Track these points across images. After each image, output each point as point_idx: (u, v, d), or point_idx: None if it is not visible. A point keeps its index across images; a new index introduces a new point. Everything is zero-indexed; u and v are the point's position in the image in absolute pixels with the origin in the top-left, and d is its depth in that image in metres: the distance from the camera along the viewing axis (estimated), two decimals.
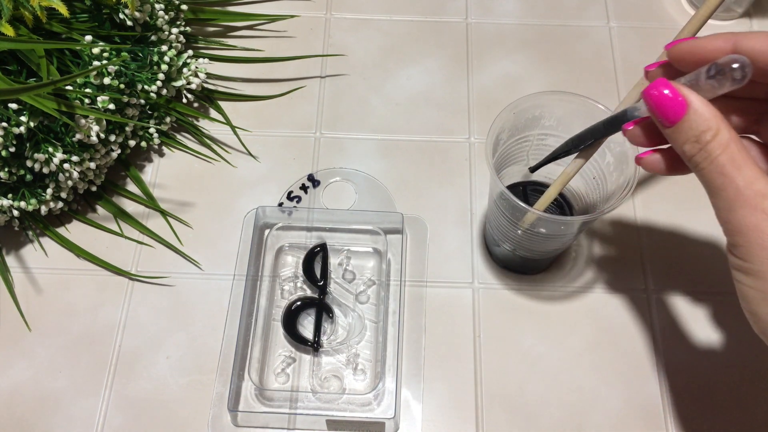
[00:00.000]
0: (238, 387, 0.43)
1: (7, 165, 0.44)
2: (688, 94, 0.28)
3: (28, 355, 0.45)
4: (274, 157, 0.53)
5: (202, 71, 0.52)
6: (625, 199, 0.39)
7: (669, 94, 0.28)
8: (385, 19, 0.60)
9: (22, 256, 0.49)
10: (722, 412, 0.43)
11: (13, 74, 0.44)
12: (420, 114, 0.55)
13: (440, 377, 0.44)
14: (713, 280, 0.48)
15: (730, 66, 0.27)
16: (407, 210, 0.50)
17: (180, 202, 0.51)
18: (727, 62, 0.27)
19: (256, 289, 0.46)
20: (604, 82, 0.57)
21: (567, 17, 0.60)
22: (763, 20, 0.60)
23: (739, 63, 0.27)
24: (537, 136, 0.45)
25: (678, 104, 0.28)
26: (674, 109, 0.28)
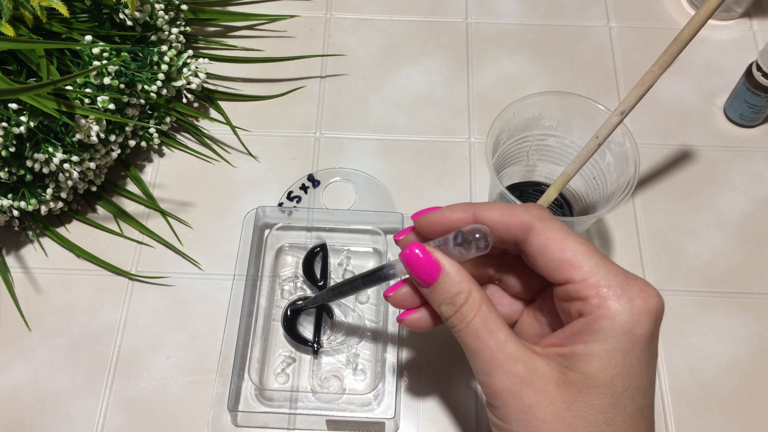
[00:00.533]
0: (238, 387, 0.43)
1: (7, 165, 0.44)
2: (441, 257, 0.31)
3: (28, 355, 0.45)
4: (274, 157, 0.53)
5: (202, 71, 0.52)
6: (625, 199, 0.39)
7: (423, 257, 0.31)
8: (385, 19, 0.60)
9: (22, 256, 0.49)
10: (722, 412, 0.43)
11: (13, 74, 0.44)
12: (420, 114, 0.55)
13: (440, 377, 0.44)
14: (713, 280, 0.48)
15: (474, 236, 0.30)
16: (407, 210, 0.50)
17: (180, 202, 0.51)
18: (471, 232, 0.30)
19: (256, 289, 0.46)
20: (604, 82, 0.57)
21: (567, 17, 0.60)
22: (763, 20, 0.60)
23: (481, 233, 0.30)
24: (537, 136, 0.45)
25: (432, 266, 0.31)
26: (429, 271, 0.31)
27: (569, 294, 0.29)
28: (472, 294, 0.30)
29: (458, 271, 0.30)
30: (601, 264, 0.28)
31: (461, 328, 0.30)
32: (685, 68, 0.57)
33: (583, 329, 0.28)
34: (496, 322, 0.30)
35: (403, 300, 0.34)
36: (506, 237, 0.31)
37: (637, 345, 0.27)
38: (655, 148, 0.53)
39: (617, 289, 0.27)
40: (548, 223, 0.30)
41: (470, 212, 0.31)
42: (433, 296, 0.31)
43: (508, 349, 0.29)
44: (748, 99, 0.51)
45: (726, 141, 0.54)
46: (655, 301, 0.28)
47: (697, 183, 0.52)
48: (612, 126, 0.39)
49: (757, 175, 0.52)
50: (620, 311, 0.27)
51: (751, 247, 0.49)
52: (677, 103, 0.56)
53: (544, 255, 0.29)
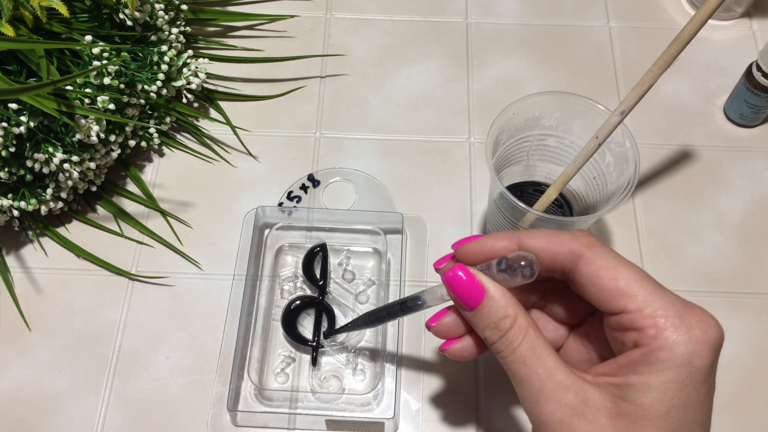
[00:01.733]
0: (238, 387, 0.43)
1: (7, 165, 0.44)
2: (485, 280, 0.30)
3: (28, 355, 0.45)
4: (274, 157, 0.53)
5: (202, 71, 0.52)
6: (625, 199, 0.39)
7: (466, 280, 0.30)
8: (385, 19, 0.60)
9: (22, 256, 0.49)
10: (723, 412, 0.43)
11: (13, 74, 0.44)
12: (420, 114, 0.55)
13: (440, 377, 0.44)
14: (713, 280, 0.48)
15: (519, 263, 0.29)
16: (407, 210, 0.50)
17: (180, 202, 0.51)
18: (516, 259, 0.29)
19: (256, 289, 0.46)
20: (604, 82, 0.57)
21: (567, 17, 0.60)
22: (763, 20, 0.60)
23: (527, 261, 0.29)
24: (537, 136, 0.45)
25: (476, 289, 0.29)
26: (472, 294, 0.30)
27: (623, 324, 0.27)
28: (519, 318, 0.29)
29: (504, 295, 0.29)
30: (656, 292, 0.27)
31: (507, 354, 0.29)
32: (685, 68, 0.57)
33: (638, 360, 0.27)
34: (545, 349, 0.28)
35: (447, 330, 0.32)
36: (553, 266, 0.30)
37: (695, 377, 0.26)
38: (655, 148, 0.53)
39: (675, 319, 0.26)
40: (598, 251, 0.28)
41: (515, 241, 0.30)
42: (476, 321, 0.30)
43: (558, 377, 0.28)
44: (748, 99, 0.51)
45: (726, 141, 0.54)
46: (715, 331, 0.27)
47: (697, 183, 0.52)
48: (612, 126, 0.39)
49: (757, 175, 0.52)
50: (678, 342, 0.26)
51: (751, 247, 0.49)
52: (677, 103, 0.56)
53: (595, 284, 0.28)
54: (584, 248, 0.29)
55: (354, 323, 0.40)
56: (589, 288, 0.28)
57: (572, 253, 0.29)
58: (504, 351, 0.29)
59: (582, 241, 0.29)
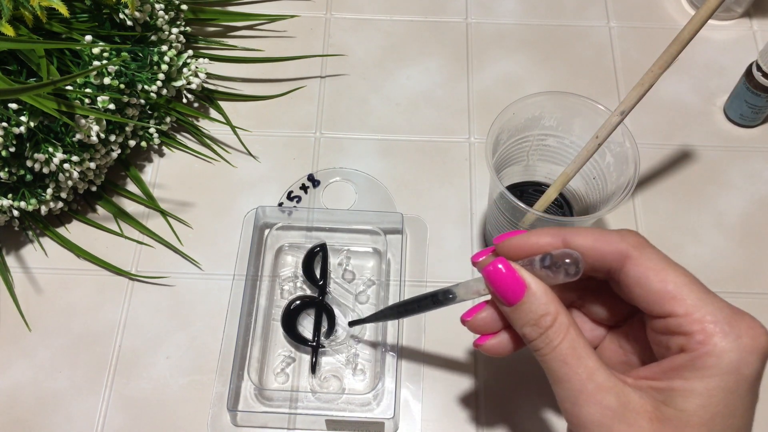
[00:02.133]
0: (238, 387, 0.43)
1: (7, 165, 0.44)
2: (527, 276, 0.29)
3: (28, 355, 0.45)
4: (274, 157, 0.53)
5: (202, 71, 0.52)
6: (625, 199, 0.39)
7: (507, 274, 0.29)
8: (385, 19, 0.60)
9: (22, 256, 0.49)
10: None
11: (13, 74, 0.44)
12: (420, 114, 0.55)
13: (440, 377, 0.44)
14: (713, 280, 0.48)
15: (564, 261, 0.28)
16: (407, 210, 0.50)
17: (180, 202, 0.51)
18: (561, 256, 0.28)
19: (256, 289, 0.46)
20: (604, 82, 0.57)
21: (567, 17, 0.60)
22: (763, 20, 0.60)
23: (572, 258, 0.28)
24: (537, 136, 0.45)
25: (517, 284, 0.29)
26: (513, 290, 0.29)
27: (670, 328, 0.27)
28: (560, 317, 0.28)
29: (545, 292, 0.29)
30: (705, 298, 0.27)
31: (546, 352, 0.28)
32: (685, 68, 0.57)
33: (684, 365, 0.26)
34: (585, 349, 0.28)
35: (483, 325, 0.32)
36: (599, 265, 0.29)
37: (742, 385, 0.26)
38: (655, 148, 0.53)
39: (724, 325, 0.26)
40: (646, 252, 0.28)
41: (560, 237, 0.30)
42: (515, 317, 0.29)
43: (599, 379, 0.27)
44: (748, 99, 0.51)
45: (726, 141, 0.54)
46: (764, 339, 0.26)
47: (697, 183, 0.52)
48: (612, 126, 0.39)
49: (757, 175, 0.52)
50: (727, 349, 0.25)
51: (751, 247, 0.49)
52: (677, 103, 0.56)
53: (643, 286, 0.27)
54: (632, 249, 0.28)
55: (382, 314, 0.40)
56: (636, 290, 0.28)
57: (620, 254, 0.28)
58: (544, 349, 0.29)
59: (630, 241, 0.28)
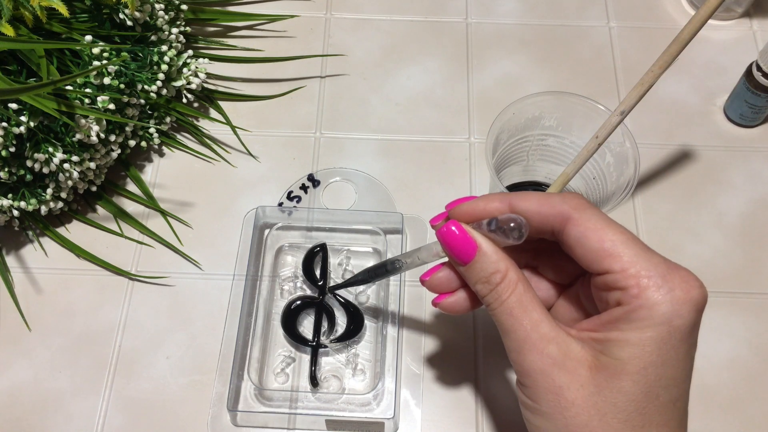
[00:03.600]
0: (238, 387, 0.43)
1: (7, 165, 0.44)
2: (478, 236, 0.31)
3: (28, 355, 0.45)
4: (274, 157, 0.53)
5: (202, 71, 0.52)
6: (624, 199, 0.39)
7: (459, 235, 0.31)
8: (385, 19, 0.60)
9: (22, 256, 0.49)
10: (722, 412, 0.43)
11: (13, 74, 0.44)
12: (420, 114, 0.55)
13: (440, 377, 0.44)
14: (713, 280, 0.48)
15: (509, 225, 0.30)
16: (407, 210, 0.50)
17: (180, 202, 0.51)
18: (506, 220, 0.30)
19: (256, 289, 0.46)
20: (604, 82, 0.57)
21: (567, 17, 0.60)
22: (763, 20, 0.60)
23: (516, 223, 0.29)
24: (537, 136, 0.45)
25: (468, 244, 0.31)
26: (465, 250, 0.31)
27: (608, 284, 0.28)
28: (509, 273, 0.30)
29: (495, 251, 0.30)
30: (641, 254, 0.28)
31: (496, 306, 0.30)
32: (685, 68, 0.57)
33: (620, 317, 0.28)
34: (532, 302, 0.30)
35: (440, 284, 0.34)
36: (543, 227, 0.30)
37: (674, 335, 0.27)
38: (655, 148, 0.53)
39: (657, 279, 0.27)
40: (586, 213, 0.29)
41: (506, 202, 0.31)
42: (469, 275, 0.31)
43: (542, 329, 0.29)
44: (748, 99, 0.51)
45: (726, 141, 0.54)
46: (697, 292, 0.27)
47: (697, 183, 0.52)
48: (612, 126, 0.39)
49: (757, 175, 0.52)
50: (659, 301, 0.27)
51: (751, 247, 0.49)
52: (677, 103, 0.56)
53: (583, 245, 0.29)
54: (573, 210, 0.29)
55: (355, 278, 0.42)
56: (577, 249, 0.29)
57: (561, 215, 0.29)
58: (493, 303, 0.30)
59: (571, 203, 0.29)
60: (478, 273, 0.31)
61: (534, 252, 0.34)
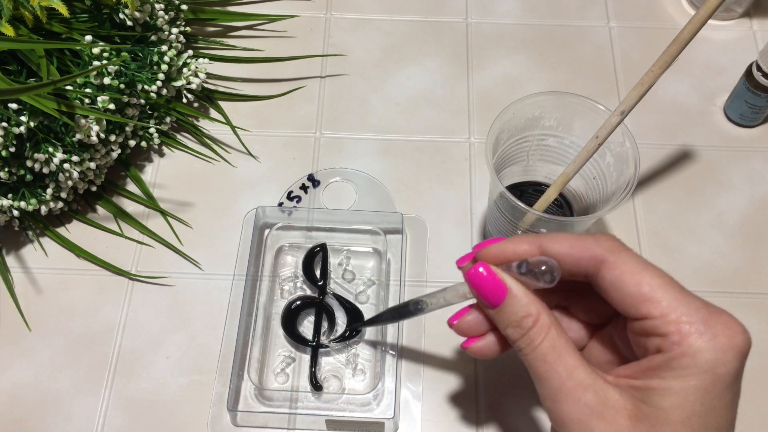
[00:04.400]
0: (238, 387, 0.43)
1: (7, 165, 0.44)
2: (507, 278, 0.30)
3: (28, 355, 0.45)
4: (274, 157, 0.53)
5: (202, 71, 0.52)
6: (625, 199, 0.39)
7: (487, 276, 0.30)
8: (385, 19, 0.60)
9: (22, 256, 0.49)
10: None
11: (13, 74, 0.44)
12: (420, 114, 0.55)
13: (440, 377, 0.44)
14: (713, 280, 0.48)
15: (540, 268, 0.29)
16: (407, 210, 0.50)
17: (180, 202, 0.51)
18: (537, 263, 0.29)
19: (256, 289, 0.46)
20: (604, 82, 0.57)
21: (567, 17, 0.60)
22: (763, 20, 0.60)
23: (547, 266, 0.28)
24: (537, 137, 0.45)
25: (498, 287, 0.30)
26: (495, 293, 0.30)
27: (647, 329, 0.27)
28: (541, 317, 0.29)
29: (526, 294, 0.29)
30: (681, 298, 0.27)
31: (528, 351, 0.29)
32: (685, 68, 0.57)
33: (661, 365, 0.27)
34: (566, 347, 0.29)
35: (468, 327, 0.33)
36: (576, 271, 0.29)
37: (718, 384, 0.26)
38: (655, 148, 0.53)
39: (699, 325, 0.26)
40: (621, 256, 0.28)
41: (536, 245, 0.30)
42: (499, 318, 0.30)
43: (578, 376, 0.28)
44: (748, 99, 0.51)
45: (726, 141, 0.54)
46: (741, 338, 0.26)
47: (697, 183, 0.52)
48: (612, 126, 0.39)
49: (757, 175, 0.52)
50: (703, 349, 0.26)
51: (751, 247, 0.49)
52: (677, 103, 0.56)
53: (619, 289, 0.28)
54: (607, 253, 0.28)
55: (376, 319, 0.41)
56: (613, 293, 0.28)
57: (595, 259, 0.28)
58: (525, 349, 0.29)
59: (605, 245, 0.29)
60: (509, 317, 0.30)
61: (565, 292, 0.33)
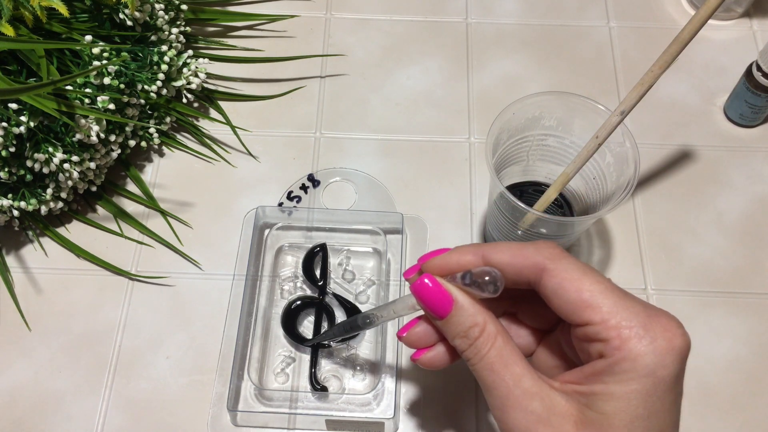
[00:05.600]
0: (238, 387, 0.43)
1: (7, 165, 0.44)
2: (453, 289, 0.30)
3: (28, 355, 0.45)
4: (274, 157, 0.53)
5: (202, 71, 0.52)
6: (624, 199, 0.39)
7: (433, 288, 0.30)
8: (385, 19, 0.60)
9: (22, 256, 0.49)
10: (722, 412, 0.43)
11: (13, 74, 0.44)
12: (420, 114, 0.55)
13: (440, 377, 0.44)
14: (713, 280, 0.48)
15: (483, 278, 0.29)
16: (407, 210, 0.50)
17: (180, 202, 0.51)
18: (480, 274, 0.29)
19: (256, 289, 0.46)
20: (604, 82, 0.57)
21: (567, 17, 0.60)
22: (763, 20, 0.60)
23: (491, 276, 0.29)
24: (537, 137, 0.45)
25: (444, 299, 0.30)
26: (441, 304, 0.30)
27: (588, 335, 0.27)
28: (487, 326, 0.29)
29: (472, 304, 0.30)
30: (620, 303, 0.27)
31: (476, 361, 0.29)
32: (685, 68, 0.57)
33: (603, 370, 0.27)
34: (512, 356, 0.29)
35: (417, 339, 0.33)
36: (518, 279, 0.30)
37: (659, 386, 0.26)
38: (655, 148, 0.53)
39: (639, 329, 0.26)
40: (562, 263, 0.28)
41: (479, 255, 0.30)
42: (447, 329, 0.30)
43: (525, 384, 0.28)
44: (748, 99, 0.51)
45: (726, 141, 0.54)
46: (680, 341, 0.27)
47: (697, 183, 0.52)
48: (612, 126, 0.39)
49: (757, 175, 0.52)
50: (642, 353, 0.26)
51: (751, 247, 0.49)
52: (677, 103, 0.56)
53: (560, 296, 0.28)
54: (548, 261, 0.29)
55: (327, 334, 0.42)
56: (555, 300, 0.28)
57: (536, 267, 0.29)
58: (473, 359, 0.29)
59: (545, 253, 0.29)
60: (456, 327, 0.30)
61: (512, 299, 0.33)
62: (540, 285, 0.29)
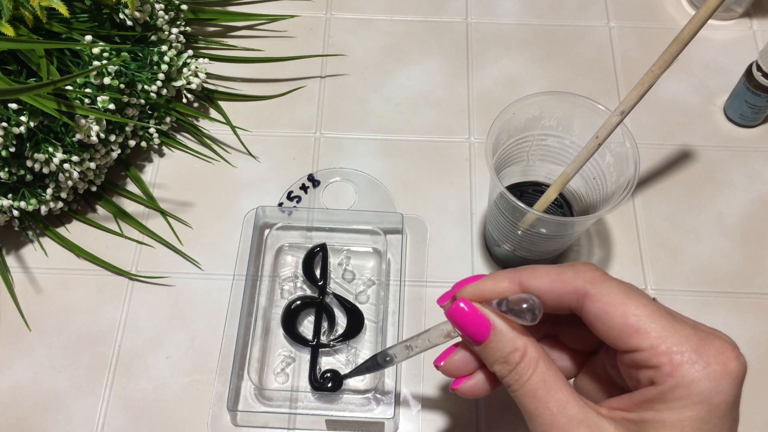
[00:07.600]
0: (238, 387, 0.43)
1: (7, 165, 0.44)
2: (490, 314, 0.29)
3: (28, 355, 0.45)
4: (274, 157, 0.53)
5: (202, 71, 0.52)
6: (624, 199, 0.39)
7: (469, 312, 0.29)
8: (385, 19, 0.60)
9: (22, 256, 0.49)
10: None
11: (13, 74, 0.44)
12: (420, 114, 0.55)
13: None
14: (713, 280, 0.48)
15: (521, 306, 0.28)
16: (407, 210, 0.50)
17: (180, 202, 0.51)
18: (517, 301, 0.28)
19: (256, 289, 0.46)
20: (604, 82, 0.57)
21: (567, 17, 0.60)
22: (763, 20, 0.60)
23: (528, 304, 0.27)
24: (537, 137, 0.45)
25: (482, 323, 0.29)
26: (478, 328, 0.29)
27: (637, 362, 0.26)
28: (528, 351, 0.28)
29: (510, 328, 0.28)
30: (669, 326, 0.26)
31: (517, 387, 0.28)
32: (685, 68, 0.57)
33: (654, 397, 0.25)
34: (556, 381, 0.28)
35: (456, 368, 0.31)
36: (558, 305, 0.28)
37: (714, 414, 0.25)
38: (655, 148, 0.53)
39: (691, 354, 0.25)
40: (604, 287, 0.27)
41: (516, 281, 0.29)
42: (485, 355, 0.29)
43: (570, 411, 0.27)
44: (748, 99, 0.51)
45: (726, 141, 0.54)
46: (735, 364, 0.26)
47: (697, 183, 0.52)
48: (612, 126, 0.39)
49: (757, 175, 0.52)
50: (696, 379, 0.25)
51: (751, 247, 0.49)
52: (677, 103, 0.56)
53: (605, 323, 0.26)
54: (589, 285, 0.27)
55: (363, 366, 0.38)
56: (599, 326, 0.27)
57: (577, 292, 0.27)
58: (514, 385, 0.28)
59: (586, 276, 0.28)
60: (495, 353, 0.28)
61: (553, 320, 0.32)
62: (582, 311, 0.27)
